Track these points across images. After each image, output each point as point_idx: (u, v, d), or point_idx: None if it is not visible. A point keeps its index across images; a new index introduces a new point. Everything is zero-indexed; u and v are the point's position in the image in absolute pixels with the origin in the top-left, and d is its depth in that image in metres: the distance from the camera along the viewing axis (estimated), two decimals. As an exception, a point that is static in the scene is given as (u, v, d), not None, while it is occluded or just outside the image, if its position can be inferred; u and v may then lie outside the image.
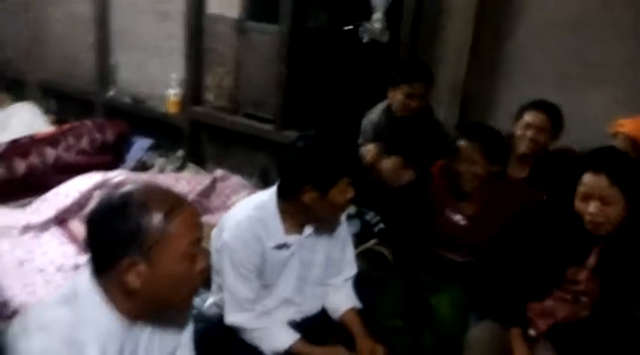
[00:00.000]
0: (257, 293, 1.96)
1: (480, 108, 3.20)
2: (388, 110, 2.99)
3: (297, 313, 2.06)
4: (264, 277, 1.97)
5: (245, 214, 1.95)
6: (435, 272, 2.42)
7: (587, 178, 1.88)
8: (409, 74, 2.87)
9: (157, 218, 1.24)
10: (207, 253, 1.36)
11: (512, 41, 3.07)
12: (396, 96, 2.89)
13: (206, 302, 2.14)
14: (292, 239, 1.97)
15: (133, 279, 1.23)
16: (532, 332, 2.05)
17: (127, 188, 1.30)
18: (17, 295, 2.48)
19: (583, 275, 1.98)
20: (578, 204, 1.91)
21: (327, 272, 2.11)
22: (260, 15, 3.86)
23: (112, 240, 1.23)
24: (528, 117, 2.59)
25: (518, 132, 2.61)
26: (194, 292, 1.37)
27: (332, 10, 4.01)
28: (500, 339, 2.04)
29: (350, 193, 1.90)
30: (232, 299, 1.94)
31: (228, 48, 4.05)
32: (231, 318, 1.95)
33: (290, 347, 1.93)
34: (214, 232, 2.03)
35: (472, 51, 3.10)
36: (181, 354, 1.47)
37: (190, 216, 1.30)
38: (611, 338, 1.96)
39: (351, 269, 2.17)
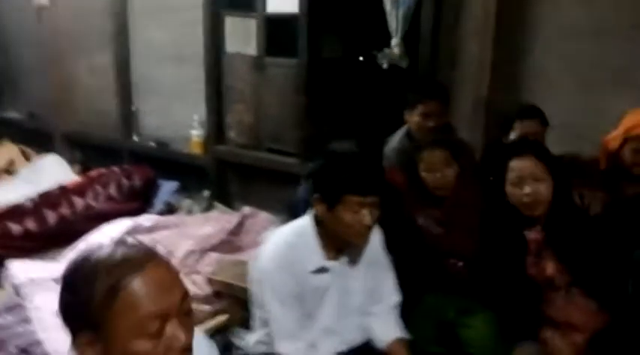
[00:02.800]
0: (299, 323, 1.93)
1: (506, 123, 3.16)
2: (408, 135, 2.94)
3: (340, 344, 2.01)
4: (305, 305, 1.94)
5: (282, 240, 1.94)
6: (469, 294, 2.35)
7: (515, 163, 2.03)
8: (423, 93, 2.85)
9: (103, 287, 1.05)
10: (187, 328, 1.11)
11: (531, 54, 3.04)
12: (413, 118, 2.86)
13: (250, 342, 2.10)
14: (331, 264, 1.95)
15: None
16: None
17: (82, 253, 1.13)
18: (59, 349, 2.46)
19: (549, 267, 2.02)
20: (512, 191, 2.03)
21: (369, 301, 2.07)
22: (277, 50, 3.91)
23: (67, 314, 1.10)
24: (524, 128, 2.60)
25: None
26: None
27: (348, 40, 4.02)
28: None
29: (365, 218, 1.82)
30: (279, 328, 1.91)
31: (247, 85, 4.09)
32: (282, 348, 1.91)
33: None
34: (252, 264, 2.02)
35: (492, 68, 3.08)
36: None
37: (151, 284, 1.08)
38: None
39: (393, 296, 2.12)
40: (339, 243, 1.95)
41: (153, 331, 1.06)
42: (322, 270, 1.93)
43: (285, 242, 1.93)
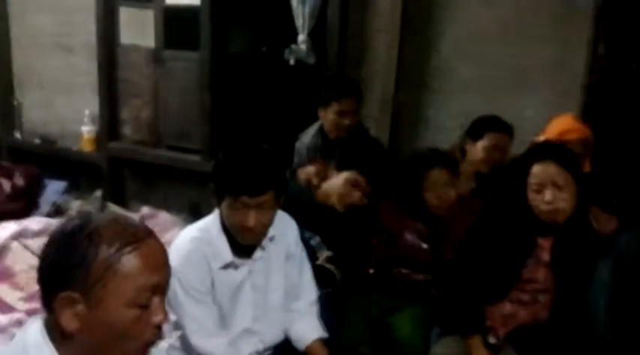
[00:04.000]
0: (217, 322, 1.88)
1: (411, 123, 3.23)
2: (321, 131, 2.92)
3: (259, 343, 1.96)
4: (220, 305, 1.88)
5: (189, 236, 1.89)
6: (394, 292, 2.36)
7: (537, 169, 1.92)
8: (339, 91, 2.82)
9: (105, 251, 1.07)
10: (164, 307, 1.15)
11: (437, 55, 3.11)
12: (328, 116, 2.83)
13: (162, 349, 1.97)
14: (241, 261, 1.90)
15: (68, 320, 1.06)
16: (492, 339, 2.03)
17: (87, 215, 1.14)
18: None
19: (540, 272, 2.00)
20: (532, 197, 1.93)
21: (288, 297, 2.02)
22: (177, 43, 3.74)
23: (54, 271, 1.07)
24: (493, 139, 2.55)
25: (482, 155, 2.56)
26: (144, 350, 1.15)
27: (255, 34, 3.94)
28: (464, 353, 2.01)
29: (248, 219, 1.76)
30: (196, 326, 1.84)
31: (144, 79, 3.89)
32: (202, 344, 1.85)
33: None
34: None
35: (399, 67, 3.12)
36: None
37: (150, 256, 1.12)
38: (571, 338, 1.98)
39: (310, 291, 2.08)
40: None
41: (143, 302, 1.10)
42: (231, 266, 1.88)
43: (191, 239, 1.87)
